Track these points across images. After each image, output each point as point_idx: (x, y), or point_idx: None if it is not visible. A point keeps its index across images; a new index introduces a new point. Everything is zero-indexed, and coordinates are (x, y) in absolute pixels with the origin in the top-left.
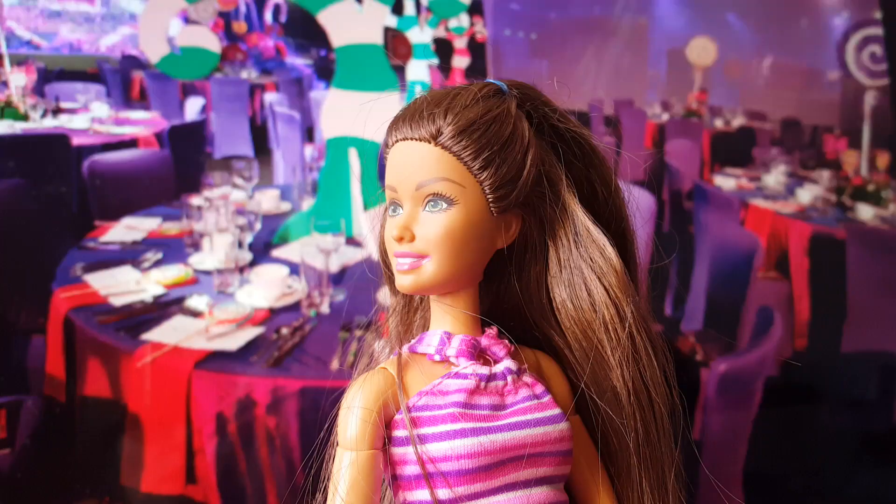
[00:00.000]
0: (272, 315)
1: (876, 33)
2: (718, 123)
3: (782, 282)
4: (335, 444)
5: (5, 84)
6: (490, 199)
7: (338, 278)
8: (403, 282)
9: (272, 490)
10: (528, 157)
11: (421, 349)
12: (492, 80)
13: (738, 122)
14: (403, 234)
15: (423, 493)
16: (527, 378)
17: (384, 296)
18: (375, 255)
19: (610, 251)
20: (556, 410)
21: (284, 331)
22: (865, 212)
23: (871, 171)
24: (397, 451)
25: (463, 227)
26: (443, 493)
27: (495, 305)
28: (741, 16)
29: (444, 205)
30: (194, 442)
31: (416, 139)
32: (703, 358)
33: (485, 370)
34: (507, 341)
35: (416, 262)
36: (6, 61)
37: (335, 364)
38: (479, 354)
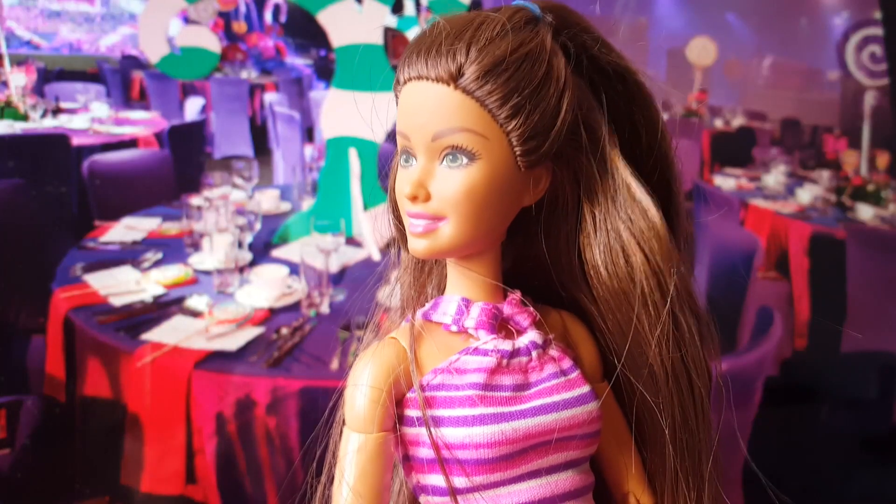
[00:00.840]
0: (272, 315)
1: (876, 33)
2: (718, 123)
3: (782, 282)
4: (342, 422)
5: (5, 84)
6: (518, 152)
7: (338, 278)
8: (417, 246)
9: (272, 490)
10: (563, 102)
11: (436, 317)
12: (522, 3)
13: (738, 122)
14: (417, 193)
15: (437, 479)
16: (553, 351)
17: (384, 295)
18: (376, 256)
19: (654, 212)
20: (586, 388)
21: (284, 331)
22: (865, 212)
23: (871, 171)
24: (410, 431)
25: (486, 186)
26: (459, 481)
27: (517, 263)
28: (741, 16)
29: (465, 160)
30: (194, 442)
31: (433, 79)
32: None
33: (507, 345)
34: (531, 308)
35: (431, 224)
36: (6, 61)
37: (335, 364)
38: (500, 325)
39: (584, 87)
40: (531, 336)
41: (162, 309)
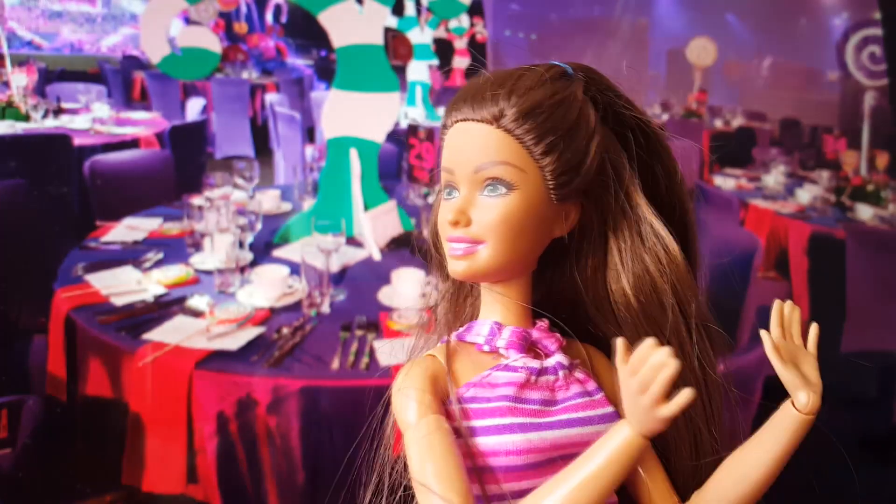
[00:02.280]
0: (273, 315)
1: (875, 33)
2: (718, 123)
3: (782, 282)
4: (397, 432)
5: (7, 84)
6: (551, 186)
7: (338, 278)
8: (457, 267)
9: (273, 489)
10: (592, 144)
11: (469, 338)
12: (557, 63)
13: (737, 122)
14: (459, 218)
15: (472, 487)
16: (578, 374)
17: (385, 296)
18: (376, 256)
19: (674, 246)
20: (609, 409)
21: (285, 330)
22: (865, 212)
23: (871, 171)
24: None
25: (521, 214)
26: (492, 489)
27: (547, 296)
28: (741, 16)
29: (504, 189)
30: (195, 441)
31: (478, 120)
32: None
33: (535, 364)
34: (558, 335)
35: (470, 247)
36: (8, 62)
37: (336, 364)
38: (529, 347)
39: (611, 135)
40: (558, 358)
41: (163, 309)
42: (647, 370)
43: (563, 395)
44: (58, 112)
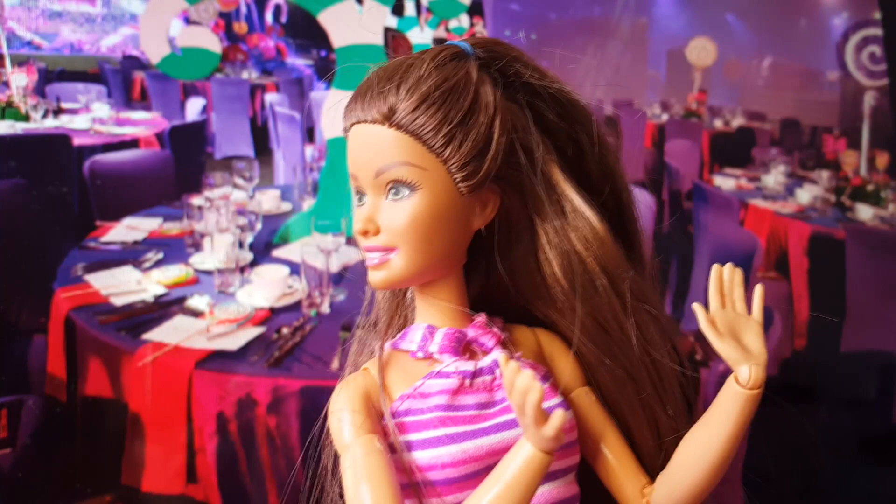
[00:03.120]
0: (273, 315)
1: (875, 33)
2: (718, 123)
3: (782, 282)
4: (335, 455)
5: (6, 84)
6: (457, 179)
7: (338, 278)
8: (373, 278)
9: (273, 489)
10: (494, 127)
11: (403, 346)
12: (452, 42)
13: (737, 122)
14: (367, 227)
15: (411, 503)
16: None
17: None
18: None
19: (596, 221)
20: (553, 401)
21: (285, 330)
22: (865, 212)
23: (871, 171)
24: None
25: (430, 214)
26: (433, 503)
27: (486, 287)
28: (741, 16)
29: (407, 191)
30: (195, 441)
31: (370, 121)
32: (703, 358)
33: (469, 366)
34: (496, 329)
35: (384, 256)
36: (7, 62)
37: (335, 364)
38: (465, 348)
39: (519, 111)
40: (494, 355)
41: (163, 309)
42: (516, 395)
43: (501, 395)
44: (57, 112)
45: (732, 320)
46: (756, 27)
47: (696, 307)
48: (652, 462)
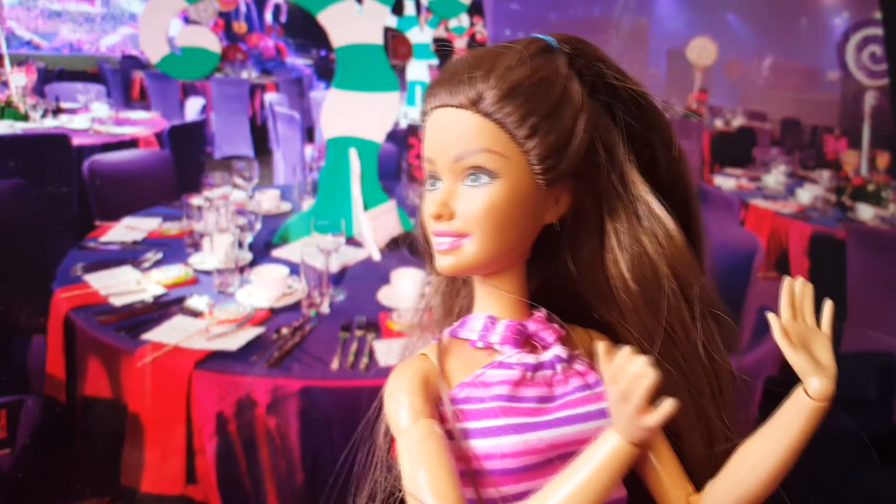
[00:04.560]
0: (272, 315)
1: (876, 33)
2: (718, 123)
3: (782, 282)
4: (390, 438)
5: (6, 84)
6: (537, 171)
7: (338, 278)
8: (443, 263)
9: (272, 490)
10: (578, 123)
11: (463, 334)
12: (539, 36)
13: (738, 121)
14: (442, 212)
15: (467, 491)
16: (579, 366)
17: (384, 296)
18: (376, 256)
19: (672, 226)
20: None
21: (285, 331)
22: (865, 212)
23: (871, 171)
24: None
25: (507, 203)
26: (489, 492)
27: (545, 283)
28: (741, 16)
29: (486, 178)
30: (194, 442)
31: (455, 106)
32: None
33: (531, 359)
34: (556, 325)
35: (455, 241)
36: (6, 61)
37: (335, 364)
38: (525, 341)
39: (601, 110)
40: (556, 350)
41: (162, 309)
42: (626, 380)
43: (561, 390)
44: (57, 112)
45: (803, 332)
46: (756, 27)
47: (771, 317)
48: (700, 470)
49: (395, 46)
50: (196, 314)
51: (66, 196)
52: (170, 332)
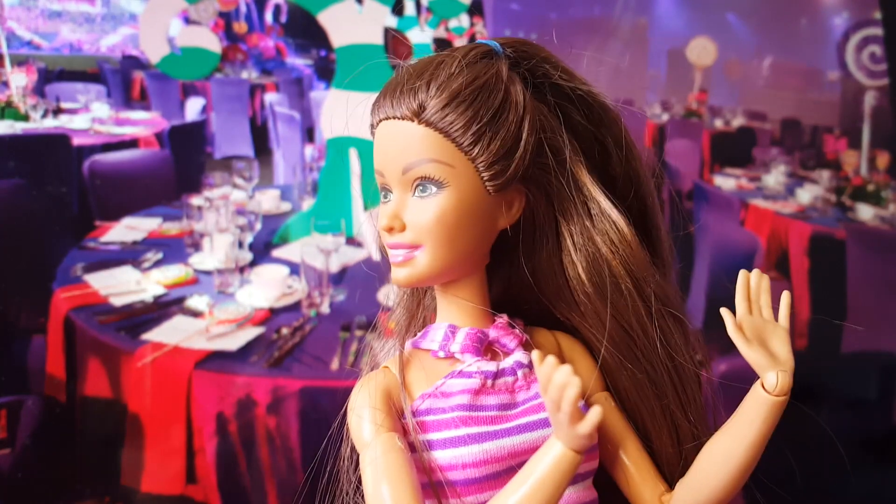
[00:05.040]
0: (272, 315)
1: (876, 33)
2: (718, 123)
3: (782, 282)
4: (355, 455)
5: (6, 84)
6: (485, 177)
7: (338, 278)
8: (397, 275)
9: (272, 490)
10: (524, 126)
11: (424, 345)
12: (483, 41)
13: (738, 122)
14: (393, 224)
15: (430, 503)
16: None
17: (385, 296)
18: (376, 256)
19: (623, 224)
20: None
21: (284, 331)
22: (865, 212)
23: (871, 171)
24: None
25: (456, 212)
26: (452, 503)
27: (508, 288)
28: (741, 16)
29: (434, 188)
30: (195, 442)
31: (399, 117)
32: (703, 358)
33: (491, 366)
34: (518, 330)
35: (408, 253)
36: (7, 61)
37: (335, 364)
38: (486, 348)
39: (548, 112)
40: (517, 356)
41: (162, 309)
42: (552, 390)
43: (523, 396)
44: (57, 112)
45: (759, 326)
46: (756, 27)
47: (725, 312)
48: (671, 469)
49: (395, 46)
50: (196, 314)
51: (66, 196)
52: (170, 332)
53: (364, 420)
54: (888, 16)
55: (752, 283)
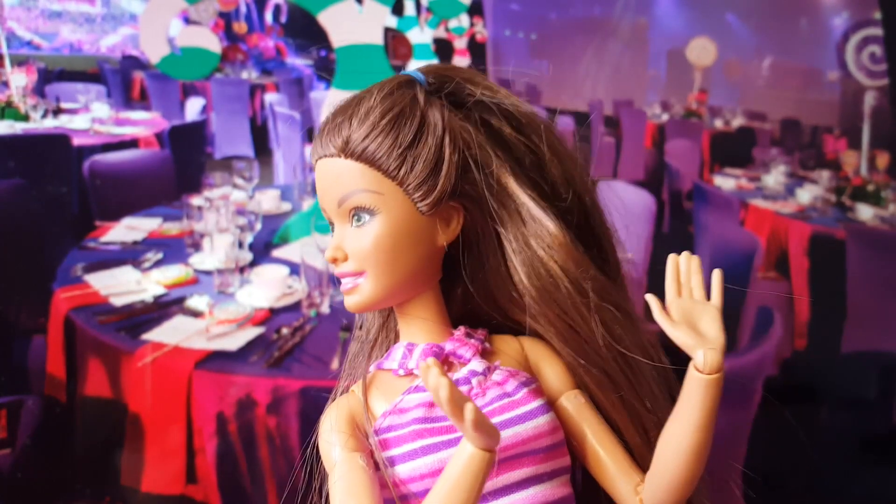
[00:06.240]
0: (272, 315)
1: (876, 33)
2: (718, 123)
3: (782, 282)
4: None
5: (6, 84)
6: (415, 199)
7: (338, 278)
8: (348, 303)
9: (272, 490)
10: (444, 146)
11: (387, 365)
12: (404, 72)
13: (738, 122)
14: (336, 255)
15: None
16: (497, 376)
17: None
18: None
19: (552, 225)
20: (533, 404)
21: (285, 331)
22: (865, 212)
23: (871, 171)
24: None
25: (391, 236)
26: None
27: (467, 300)
28: (741, 16)
29: (367, 216)
30: (195, 442)
31: (329, 155)
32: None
33: None
34: (475, 340)
35: (353, 280)
36: (7, 62)
37: (335, 364)
38: (444, 361)
39: (472, 128)
40: (472, 366)
41: (162, 309)
42: (432, 394)
43: (479, 403)
44: (57, 112)
45: (689, 308)
46: (756, 27)
47: (650, 298)
48: (643, 458)
49: (395, 46)
50: (196, 314)
51: (66, 196)
52: (170, 332)
53: (331, 444)
54: (888, 16)
55: (681, 266)
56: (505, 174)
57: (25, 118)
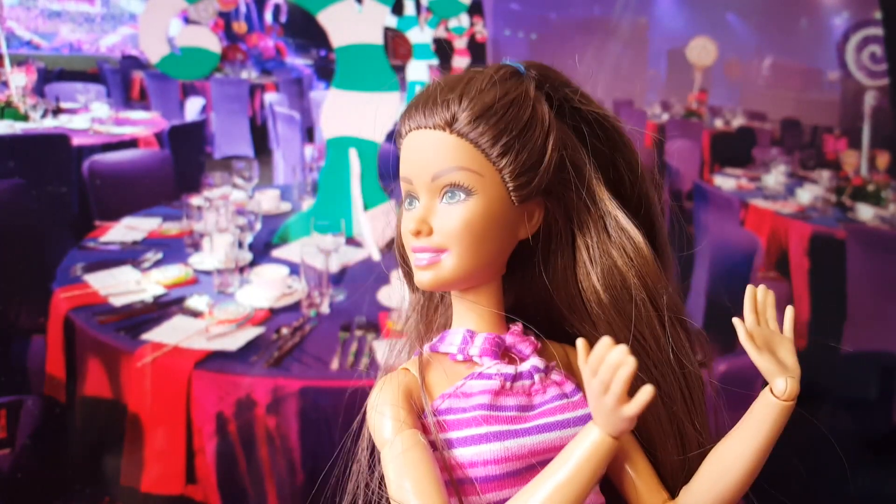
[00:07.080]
0: (272, 315)
1: (876, 33)
2: (718, 123)
3: (782, 282)
4: (375, 452)
5: (5, 84)
6: (510, 188)
7: (338, 278)
8: (422, 278)
9: (272, 490)
10: (549, 142)
11: (443, 348)
12: (509, 62)
13: (738, 122)
14: (421, 228)
15: (451, 501)
16: (555, 376)
17: (384, 296)
18: (376, 256)
19: (640, 239)
20: (587, 409)
21: (284, 331)
22: (865, 212)
23: (871, 171)
24: None
25: (482, 219)
26: (473, 500)
27: (520, 298)
28: (741, 16)
29: (462, 195)
30: (194, 442)
31: (431, 127)
32: (703, 358)
33: (510, 369)
34: (532, 338)
35: (434, 256)
36: (6, 61)
37: (335, 364)
38: (503, 353)
39: (568, 131)
40: (533, 361)
41: (162, 309)
42: (605, 370)
43: (539, 400)
44: (57, 112)
45: (767, 336)
46: (756, 27)
47: (736, 322)
48: (674, 477)
49: (395, 46)
50: (196, 314)
51: (65, 196)
52: (170, 332)
53: (385, 417)
54: (888, 16)
55: (759, 298)
56: (596, 181)
57: (25, 118)
